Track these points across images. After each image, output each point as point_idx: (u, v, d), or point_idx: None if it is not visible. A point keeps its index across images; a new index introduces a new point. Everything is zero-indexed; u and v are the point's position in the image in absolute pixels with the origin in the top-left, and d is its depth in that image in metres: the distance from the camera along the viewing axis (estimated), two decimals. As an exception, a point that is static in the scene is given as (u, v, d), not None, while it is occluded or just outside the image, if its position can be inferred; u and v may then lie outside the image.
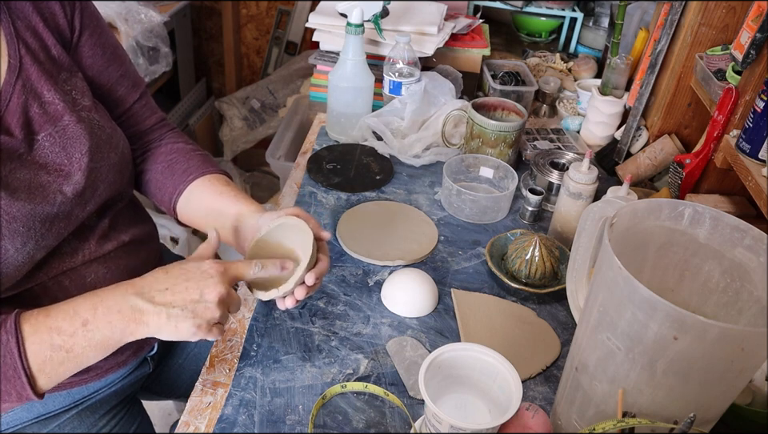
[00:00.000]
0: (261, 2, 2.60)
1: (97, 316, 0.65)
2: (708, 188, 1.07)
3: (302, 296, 0.76)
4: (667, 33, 1.18)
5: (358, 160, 1.26)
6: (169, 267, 0.70)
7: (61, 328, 0.65)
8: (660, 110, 1.22)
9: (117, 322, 0.66)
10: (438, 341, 0.89)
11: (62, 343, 0.65)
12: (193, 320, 0.67)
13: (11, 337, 0.63)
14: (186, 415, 0.77)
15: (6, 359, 0.63)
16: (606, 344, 0.62)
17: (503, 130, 1.17)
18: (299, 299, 0.76)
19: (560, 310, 0.96)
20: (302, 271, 0.74)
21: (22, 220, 0.69)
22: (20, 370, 0.63)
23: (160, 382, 1.05)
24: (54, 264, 0.77)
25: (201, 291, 0.67)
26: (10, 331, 0.63)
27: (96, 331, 0.65)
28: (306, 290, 0.76)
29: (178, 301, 0.67)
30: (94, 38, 0.83)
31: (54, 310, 0.66)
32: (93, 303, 0.66)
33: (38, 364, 0.64)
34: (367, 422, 0.77)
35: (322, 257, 0.78)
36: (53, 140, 0.74)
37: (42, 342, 0.64)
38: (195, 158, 0.92)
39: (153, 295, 0.67)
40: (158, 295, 0.67)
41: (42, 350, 0.64)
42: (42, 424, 0.86)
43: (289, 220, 0.78)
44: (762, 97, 0.85)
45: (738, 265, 0.65)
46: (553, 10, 1.73)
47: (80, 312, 0.65)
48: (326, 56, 1.42)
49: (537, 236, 0.98)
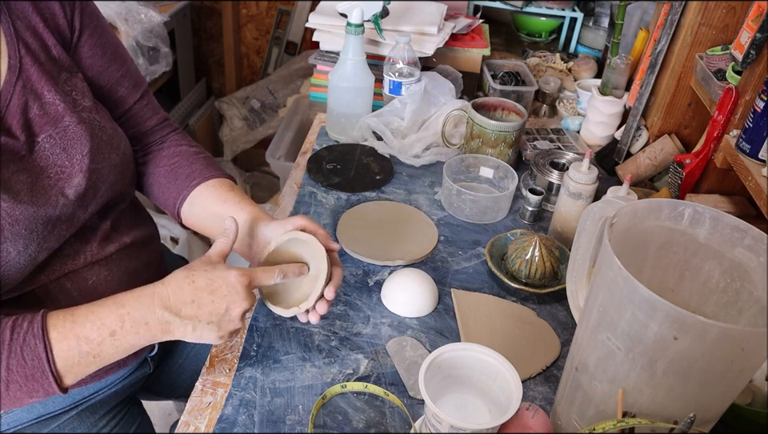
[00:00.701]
0: (261, 1, 2.60)
1: (124, 328, 0.68)
2: (708, 188, 1.07)
3: (323, 311, 0.79)
4: (667, 33, 1.18)
5: (358, 160, 1.26)
6: (193, 274, 0.70)
7: (89, 338, 0.67)
8: (660, 110, 1.22)
9: (144, 333, 0.68)
10: (437, 341, 0.89)
11: (90, 350, 0.67)
12: (217, 332, 0.70)
13: (39, 342, 0.65)
14: (186, 415, 0.77)
15: (35, 362, 0.65)
16: (605, 344, 0.62)
17: (503, 130, 1.17)
18: (322, 313, 0.79)
19: (560, 310, 0.96)
20: (320, 288, 0.76)
21: (25, 223, 0.69)
22: (48, 372, 0.65)
23: (160, 382, 1.05)
24: (56, 266, 0.77)
25: (227, 306, 0.70)
26: (37, 336, 0.65)
27: (123, 340, 0.68)
28: (327, 304, 0.78)
29: (203, 315, 0.69)
30: (95, 37, 0.82)
31: (79, 316, 0.67)
32: (120, 315, 0.68)
33: (65, 368, 0.66)
34: (367, 422, 0.77)
35: (335, 269, 0.79)
36: (53, 141, 0.74)
37: (70, 349, 0.66)
38: (199, 161, 0.92)
39: (180, 309, 0.69)
40: (184, 307, 0.69)
41: (70, 356, 0.66)
42: (42, 425, 0.86)
43: (299, 235, 0.78)
44: (762, 97, 0.85)
45: (738, 265, 0.65)
46: (553, 9, 1.73)
47: (107, 324, 0.67)
48: (326, 56, 1.42)
49: (537, 236, 0.98)
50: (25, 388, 0.65)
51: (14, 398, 0.66)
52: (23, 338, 0.64)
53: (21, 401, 0.66)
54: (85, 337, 0.66)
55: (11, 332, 0.65)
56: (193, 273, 0.70)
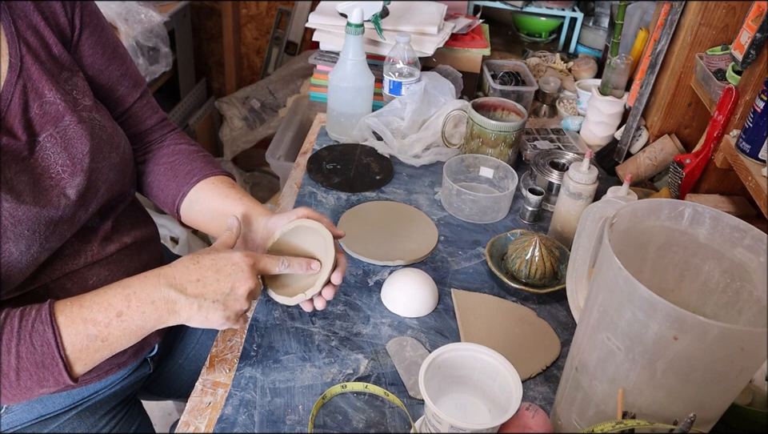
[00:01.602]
0: (261, 1, 2.60)
1: (131, 307, 0.68)
2: (708, 188, 1.07)
3: (330, 296, 0.79)
4: (667, 33, 1.18)
5: (358, 160, 1.26)
6: (198, 256, 0.72)
7: (96, 320, 0.67)
8: (660, 110, 1.22)
9: (150, 312, 0.68)
10: (437, 341, 0.89)
11: (98, 333, 0.67)
12: (223, 312, 0.70)
13: (47, 327, 0.65)
14: (186, 415, 0.77)
15: (44, 348, 0.65)
16: (606, 344, 0.62)
17: (503, 130, 1.17)
18: (328, 298, 0.79)
19: (560, 310, 0.96)
20: (326, 273, 0.76)
21: (27, 223, 0.69)
22: (57, 358, 0.65)
23: (160, 382, 1.05)
24: (57, 266, 0.77)
25: (232, 284, 0.70)
26: (45, 322, 0.65)
27: (130, 321, 0.68)
28: (333, 289, 0.78)
29: (209, 293, 0.69)
30: (95, 36, 0.82)
31: (87, 301, 0.68)
32: (126, 294, 0.68)
33: (75, 353, 0.66)
34: (367, 422, 0.77)
35: (340, 256, 0.79)
36: (54, 141, 0.74)
37: (78, 333, 0.66)
38: (198, 159, 0.92)
39: (185, 286, 0.69)
40: (189, 286, 0.69)
41: (78, 340, 0.66)
42: (42, 425, 0.86)
43: (304, 222, 0.79)
44: (762, 97, 0.85)
45: (738, 265, 0.65)
46: (553, 9, 1.73)
47: (114, 304, 0.67)
48: (326, 56, 1.42)
49: (537, 236, 0.98)
50: (35, 376, 0.65)
51: (24, 388, 0.65)
52: (32, 325, 0.65)
53: (31, 392, 0.66)
54: (92, 319, 0.66)
55: (20, 320, 0.65)
56: (198, 256, 0.72)
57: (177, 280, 0.69)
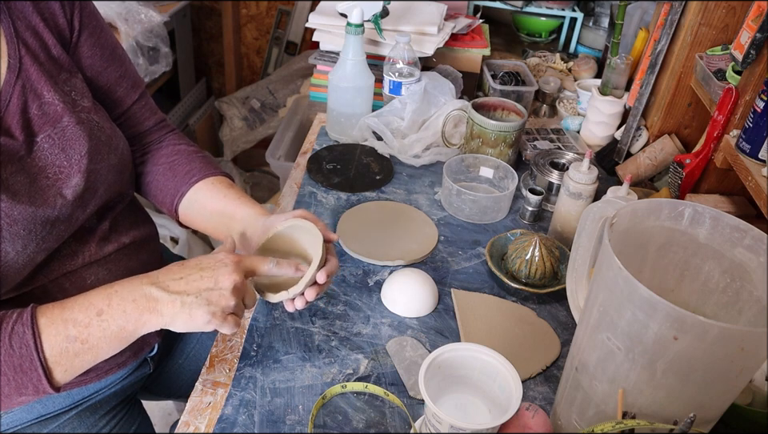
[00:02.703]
0: (261, 1, 2.60)
1: (111, 306, 0.66)
2: (708, 188, 1.07)
3: (312, 297, 0.76)
4: (667, 33, 1.18)
5: (358, 160, 1.26)
6: (184, 261, 0.71)
7: (76, 320, 0.65)
8: (660, 110, 1.22)
9: (131, 311, 0.66)
10: (437, 341, 0.89)
11: (78, 334, 0.65)
12: (207, 308, 0.67)
13: (27, 329, 0.63)
14: (186, 415, 0.77)
15: (23, 350, 0.63)
16: (606, 344, 0.62)
17: (503, 130, 1.17)
18: (309, 300, 0.77)
19: (560, 310, 0.96)
20: (311, 273, 0.75)
21: (23, 223, 0.69)
22: (36, 362, 0.63)
23: (160, 382, 1.05)
24: (55, 267, 0.77)
25: (215, 279, 0.68)
26: (26, 324, 0.63)
27: (111, 321, 0.65)
28: (316, 290, 0.76)
29: (192, 289, 0.67)
30: (94, 37, 0.82)
31: (69, 302, 0.66)
32: (107, 293, 0.67)
33: (54, 356, 0.64)
34: (367, 422, 0.77)
35: (330, 257, 0.79)
36: (52, 141, 0.74)
37: (58, 334, 0.64)
38: (197, 160, 0.92)
39: (167, 284, 0.67)
40: (172, 283, 0.67)
41: (57, 342, 0.64)
42: (42, 425, 0.86)
43: (299, 222, 0.79)
44: (762, 97, 0.85)
45: (738, 265, 0.65)
46: (553, 9, 1.73)
47: (95, 303, 0.66)
48: (326, 56, 1.42)
49: (537, 236, 0.98)
50: (14, 382, 0.63)
51: (3, 395, 0.63)
52: (11, 327, 0.63)
53: (10, 399, 0.64)
54: (72, 319, 0.65)
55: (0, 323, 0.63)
56: (184, 260, 0.71)
57: (159, 279, 0.68)
